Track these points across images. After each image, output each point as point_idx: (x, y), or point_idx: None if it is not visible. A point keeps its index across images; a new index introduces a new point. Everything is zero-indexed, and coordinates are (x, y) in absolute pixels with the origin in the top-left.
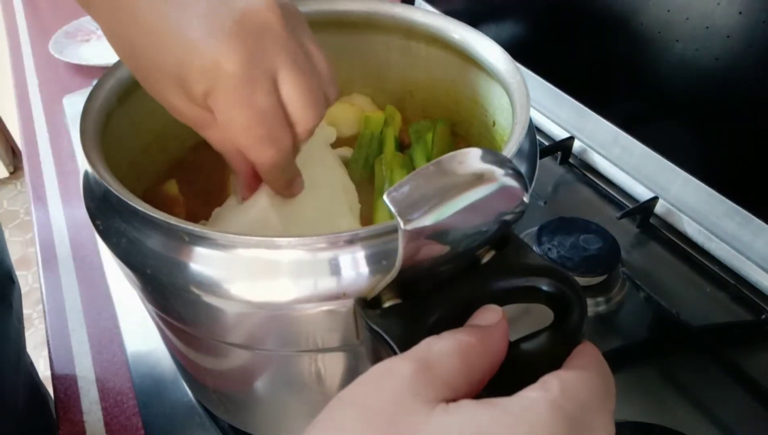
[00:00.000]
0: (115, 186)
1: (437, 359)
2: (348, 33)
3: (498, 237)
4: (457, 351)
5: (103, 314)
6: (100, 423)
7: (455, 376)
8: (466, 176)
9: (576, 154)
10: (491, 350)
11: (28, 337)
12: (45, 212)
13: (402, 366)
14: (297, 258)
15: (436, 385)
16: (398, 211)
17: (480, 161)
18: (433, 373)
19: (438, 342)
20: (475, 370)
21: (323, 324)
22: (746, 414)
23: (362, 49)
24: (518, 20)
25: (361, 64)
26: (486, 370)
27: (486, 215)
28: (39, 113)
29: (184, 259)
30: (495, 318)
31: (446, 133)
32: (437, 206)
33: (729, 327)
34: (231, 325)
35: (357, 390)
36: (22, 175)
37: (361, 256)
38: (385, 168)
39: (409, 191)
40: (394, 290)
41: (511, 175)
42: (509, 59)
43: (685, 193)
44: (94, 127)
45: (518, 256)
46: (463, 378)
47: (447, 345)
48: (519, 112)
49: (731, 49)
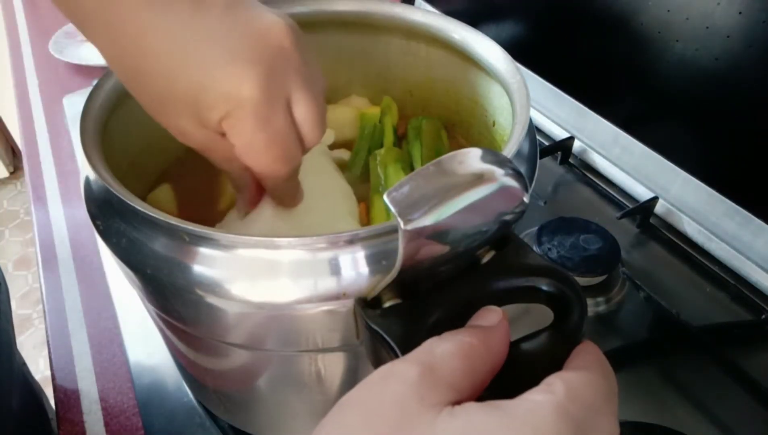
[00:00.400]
0: (115, 186)
1: (440, 361)
2: (348, 33)
3: (498, 237)
4: (459, 353)
5: (103, 314)
6: (100, 423)
7: (459, 378)
8: (466, 176)
9: (576, 154)
10: (493, 351)
11: (28, 337)
12: (45, 212)
13: (406, 369)
14: (297, 258)
15: (440, 388)
16: (398, 211)
17: (480, 161)
18: (437, 376)
19: (440, 344)
20: (477, 371)
21: (323, 324)
22: (746, 414)
23: (362, 50)
24: (518, 20)
25: (361, 64)
26: (488, 371)
27: (486, 215)
28: (39, 113)
29: (185, 259)
30: (496, 319)
31: (435, 129)
32: (437, 206)
33: (729, 327)
34: (231, 325)
35: (361, 394)
36: (22, 175)
37: (361, 256)
38: (380, 164)
39: (409, 191)
40: (394, 290)
41: (511, 175)
42: (509, 59)
43: (685, 193)
44: (94, 127)
45: (518, 256)
46: (467, 380)
47: (449, 347)
48: (519, 112)
49: (731, 49)
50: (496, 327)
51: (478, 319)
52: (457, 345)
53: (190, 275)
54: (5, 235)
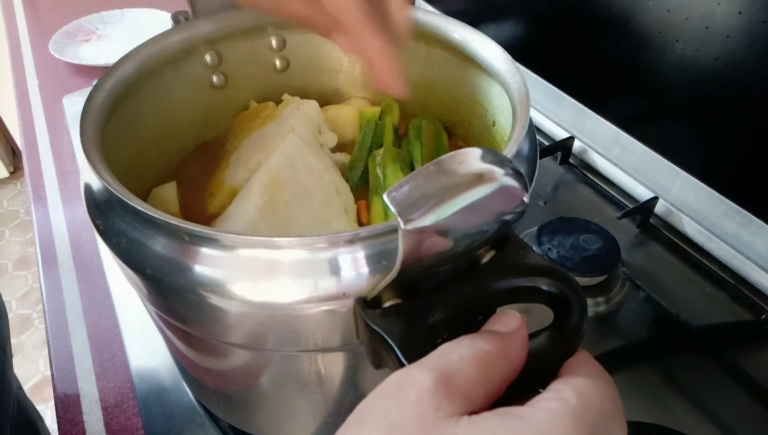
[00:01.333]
0: (114, 185)
1: (456, 370)
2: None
3: (498, 237)
4: (476, 361)
5: (103, 314)
6: (100, 423)
7: (475, 388)
8: (466, 176)
9: (576, 154)
10: (511, 359)
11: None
12: (45, 212)
13: (421, 378)
14: (297, 258)
15: (456, 399)
16: (398, 211)
17: (480, 161)
18: (454, 385)
19: (456, 350)
20: (494, 380)
21: (323, 324)
22: (746, 414)
23: None
24: (518, 20)
25: (360, 64)
26: (504, 380)
27: (486, 215)
28: (39, 113)
29: (185, 259)
30: (515, 324)
31: (435, 129)
32: (437, 206)
33: (729, 327)
34: (231, 325)
35: (377, 405)
36: (22, 175)
37: (361, 256)
38: (379, 165)
39: (409, 191)
40: (394, 290)
41: (511, 175)
42: (509, 59)
43: (685, 193)
44: (93, 127)
45: (518, 256)
46: (483, 389)
47: (466, 354)
48: (519, 112)
49: (731, 49)
50: (514, 334)
51: (496, 324)
52: (473, 352)
53: (190, 275)
54: (5, 235)
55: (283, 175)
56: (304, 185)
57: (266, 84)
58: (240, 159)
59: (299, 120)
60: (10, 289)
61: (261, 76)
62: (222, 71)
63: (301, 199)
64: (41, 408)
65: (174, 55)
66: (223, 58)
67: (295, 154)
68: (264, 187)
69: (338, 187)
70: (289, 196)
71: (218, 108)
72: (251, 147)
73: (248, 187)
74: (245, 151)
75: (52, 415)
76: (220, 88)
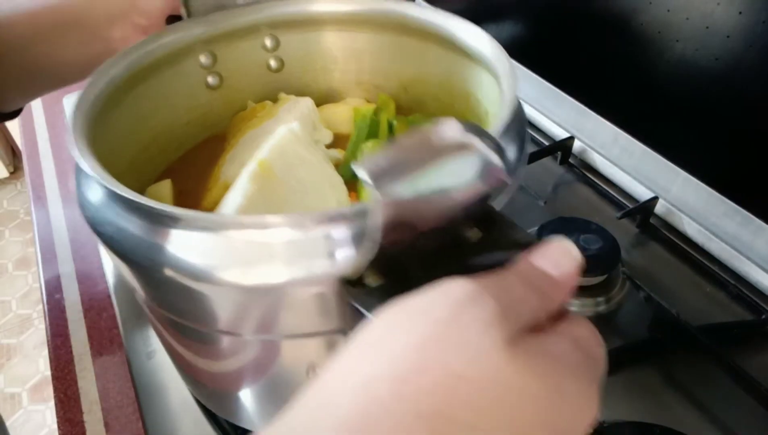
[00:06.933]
0: (97, 171)
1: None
2: (340, 32)
3: (481, 213)
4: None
5: (103, 314)
6: (100, 423)
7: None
8: (444, 146)
9: (576, 154)
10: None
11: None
12: (45, 212)
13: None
14: (283, 239)
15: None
16: (372, 179)
17: (458, 132)
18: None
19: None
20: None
21: (309, 305)
22: (746, 414)
23: (355, 48)
24: (518, 20)
25: (354, 63)
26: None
27: (465, 187)
28: (39, 113)
29: (162, 241)
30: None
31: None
32: (412, 174)
33: (729, 327)
34: (219, 309)
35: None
36: (22, 175)
37: (345, 234)
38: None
39: (383, 160)
40: (379, 269)
41: (491, 147)
42: (495, 44)
43: (685, 193)
44: (83, 115)
45: (506, 234)
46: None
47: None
48: (506, 91)
49: (731, 49)
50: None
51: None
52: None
53: (171, 259)
54: (5, 235)
55: (273, 165)
56: (295, 177)
57: (262, 84)
58: (236, 155)
59: (294, 116)
60: (10, 289)
61: (256, 76)
62: (217, 71)
63: (292, 190)
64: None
65: (168, 56)
66: (217, 58)
67: (287, 146)
68: (253, 176)
69: (331, 180)
70: (280, 186)
71: (216, 108)
72: (247, 144)
73: (239, 178)
74: (241, 148)
75: (52, 415)
76: (216, 88)
